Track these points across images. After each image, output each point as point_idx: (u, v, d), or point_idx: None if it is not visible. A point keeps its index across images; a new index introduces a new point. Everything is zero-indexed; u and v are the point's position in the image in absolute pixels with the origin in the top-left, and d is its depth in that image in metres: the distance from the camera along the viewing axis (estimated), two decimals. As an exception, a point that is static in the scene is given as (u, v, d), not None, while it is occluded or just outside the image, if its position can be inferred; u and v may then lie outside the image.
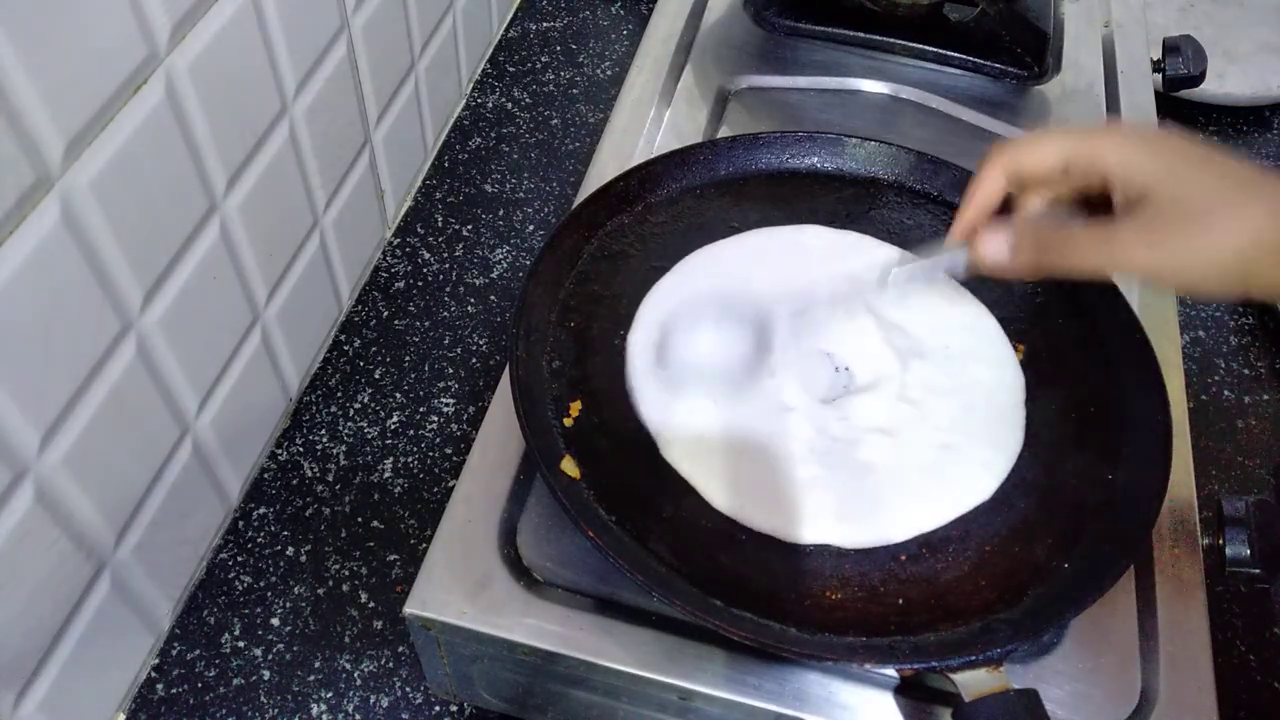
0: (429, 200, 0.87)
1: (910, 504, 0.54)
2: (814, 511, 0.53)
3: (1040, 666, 0.51)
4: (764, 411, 0.57)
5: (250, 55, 0.57)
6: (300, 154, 0.65)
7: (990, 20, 0.83)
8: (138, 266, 0.52)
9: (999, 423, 0.57)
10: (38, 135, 0.43)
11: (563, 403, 0.56)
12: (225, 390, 0.63)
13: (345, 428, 0.73)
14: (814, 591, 0.51)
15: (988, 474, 0.55)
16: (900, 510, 0.53)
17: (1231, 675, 0.64)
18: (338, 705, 0.61)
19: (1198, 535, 0.56)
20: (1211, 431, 0.77)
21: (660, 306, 0.61)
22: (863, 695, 0.50)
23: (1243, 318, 0.85)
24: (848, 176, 0.70)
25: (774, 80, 0.81)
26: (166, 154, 0.52)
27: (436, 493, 0.70)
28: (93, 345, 0.50)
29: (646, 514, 0.53)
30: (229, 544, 0.67)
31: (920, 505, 0.54)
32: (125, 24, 0.47)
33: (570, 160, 0.91)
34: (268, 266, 0.65)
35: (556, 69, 0.99)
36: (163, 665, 0.62)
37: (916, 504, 0.54)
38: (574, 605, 0.52)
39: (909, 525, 0.53)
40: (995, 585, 0.52)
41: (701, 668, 0.50)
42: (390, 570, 0.67)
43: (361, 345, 0.78)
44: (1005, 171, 0.50)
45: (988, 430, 0.57)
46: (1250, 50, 1.00)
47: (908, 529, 0.53)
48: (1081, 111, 0.80)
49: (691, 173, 0.68)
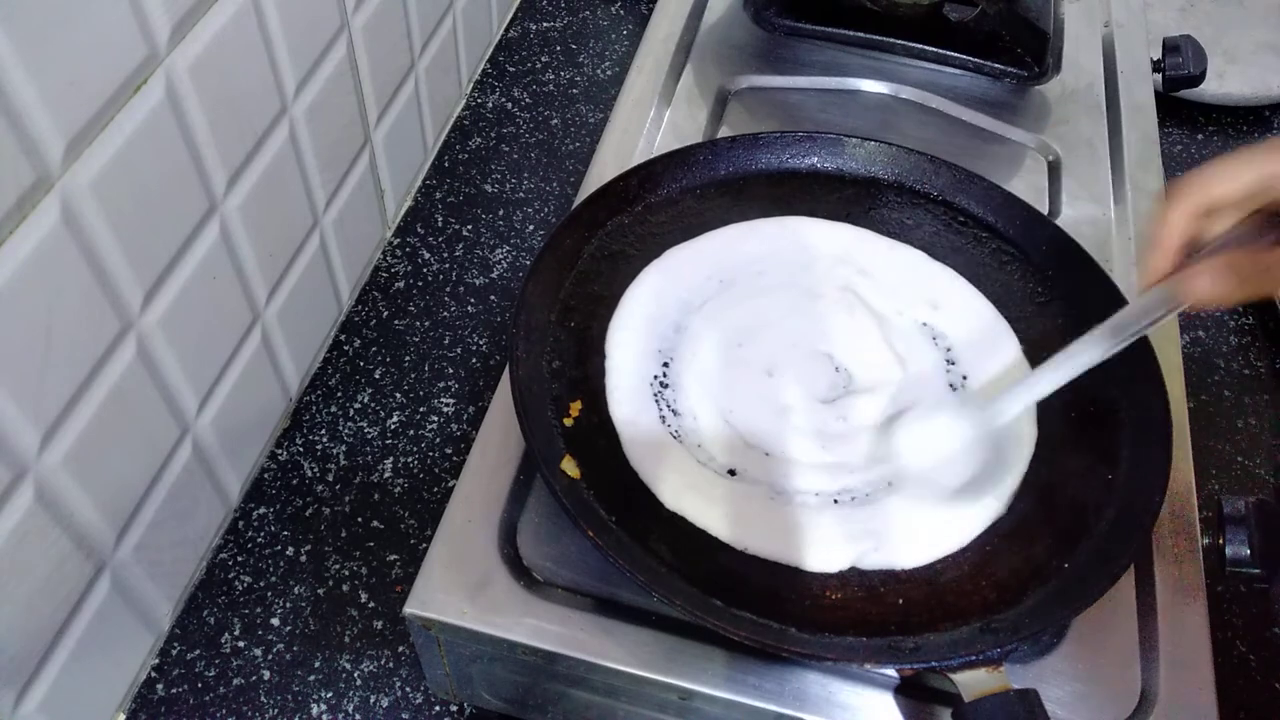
0: (429, 200, 0.87)
1: (919, 535, 0.53)
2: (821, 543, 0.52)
3: (1040, 666, 0.51)
4: (764, 412, 0.57)
5: (250, 55, 0.57)
6: (300, 154, 0.65)
7: (990, 20, 0.83)
8: (138, 266, 0.52)
9: (1005, 438, 0.57)
10: (38, 135, 0.43)
11: (563, 403, 0.56)
12: (225, 390, 0.63)
13: (345, 428, 0.73)
14: (814, 591, 0.51)
15: (995, 500, 0.54)
16: (908, 542, 0.53)
17: (1231, 675, 0.64)
18: (338, 705, 0.61)
19: (1198, 535, 0.56)
20: (1212, 431, 0.77)
21: (637, 311, 0.61)
22: (863, 695, 0.50)
23: (1243, 318, 0.85)
24: (848, 176, 0.70)
25: (774, 80, 0.81)
26: (166, 154, 0.52)
27: (436, 493, 0.70)
28: (93, 345, 0.50)
29: (646, 514, 0.53)
30: (229, 544, 0.67)
31: (928, 537, 0.53)
32: (125, 24, 0.47)
33: (570, 160, 0.91)
34: (268, 266, 0.65)
35: (556, 69, 0.99)
36: (163, 665, 0.62)
37: (925, 535, 0.53)
38: (574, 605, 0.52)
39: (918, 556, 0.52)
40: (995, 585, 0.52)
41: (701, 668, 0.50)
42: (390, 570, 0.67)
43: (361, 345, 0.78)
44: (1195, 206, 0.47)
45: (994, 447, 0.56)
46: (1250, 50, 1.00)
47: (917, 559, 0.52)
48: (1081, 111, 0.80)
49: (691, 173, 0.68)
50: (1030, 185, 0.75)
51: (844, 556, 0.51)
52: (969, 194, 0.68)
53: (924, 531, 0.53)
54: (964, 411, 0.55)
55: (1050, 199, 0.74)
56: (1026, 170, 0.76)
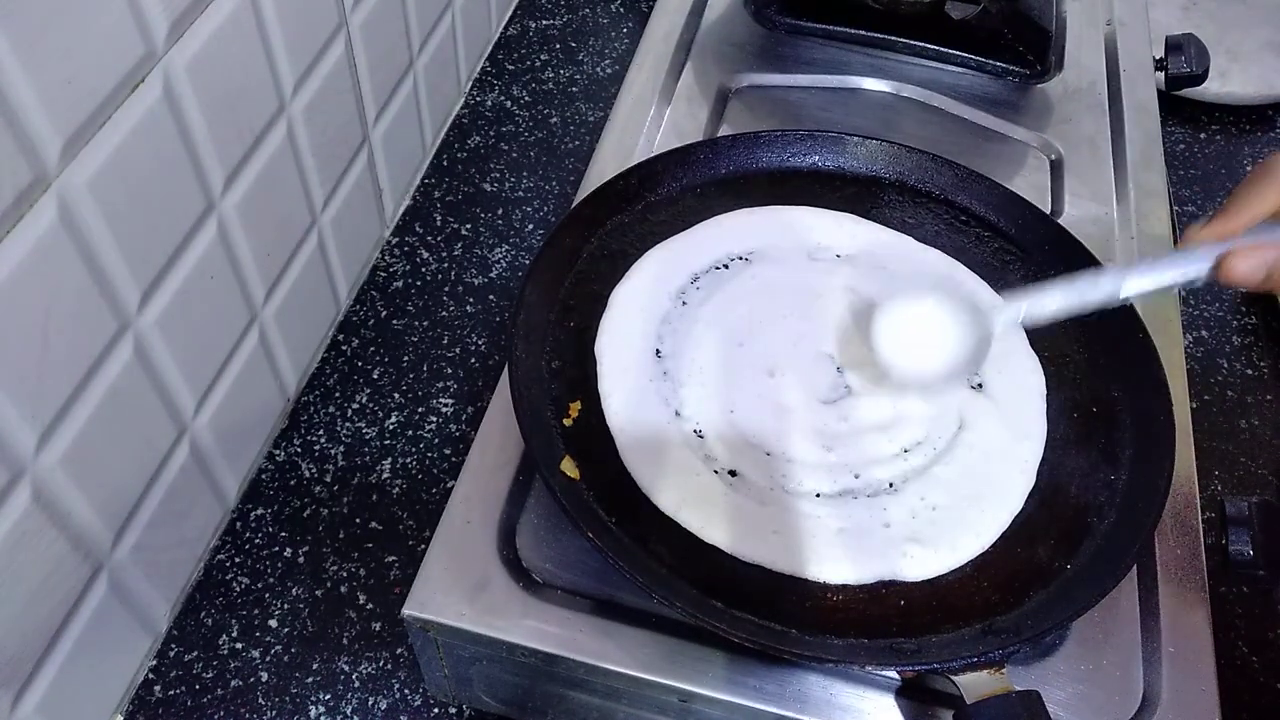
0: (428, 199, 0.87)
1: (922, 551, 0.52)
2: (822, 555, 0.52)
3: (1043, 668, 0.51)
4: (765, 412, 0.56)
5: (248, 53, 0.57)
6: (298, 153, 0.65)
7: (992, 18, 0.82)
8: (135, 266, 0.51)
9: (1018, 433, 0.56)
10: (35, 134, 0.43)
11: (562, 403, 0.56)
12: (223, 390, 0.63)
13: (343, 428, 0.73)
14: (815, 593, 0.51)
15: (1003, 510, 0.54)
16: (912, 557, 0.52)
17: (1234, 676, 0.64)
18: (336, 707, 0.61)
19: (1200, 536, 0.56)
20: (1214, 432, 0.76)
21: (629, 306, 0.60)
22: (864, 697, 0.50)
23: (1245, 317, 0.84)
24: (849, 175, 0.69)
25: (775, 78, 0.81)
26: (164, 153, 0.52)
27: (435, 493, 0.70)
28: (90, 345, 0.50)
29: (646, 515, 0.52)
30: (226, 545, 0.67)
31: (933, 551, 0.52)
32: (122, 22, 0.47)
33: (570, 159, 0.91)
34: (265, 266, 0.64)
35: (556, 67, 0.99)
36: (160, 667, 0.62)
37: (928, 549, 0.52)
38: (573, 607, 0.52)
39: (922, 569, 0.52)
40: (997, 586, 0.51)
41: (702, 670, 0.50)
42: (389, 571, 0.66)
43: (360, 345, 0.77)
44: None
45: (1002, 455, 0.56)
46: (1253, 49, 1.00)
47: (922, 572, 0.52)
48: (1084, 110, 0.80)
49: (692, 171, 0.67)
50: (1032, 184, 0.75)
51: (847, 572, 0.51)
52: (971, 193, 0.67)
53: (928, 544, 0.52)
54: (951, 306, 0.55)
55: (1052, 198, 0.74)
56: (1029, 169, 0.76)
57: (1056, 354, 0.61)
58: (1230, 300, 0.86)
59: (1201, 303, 0.85)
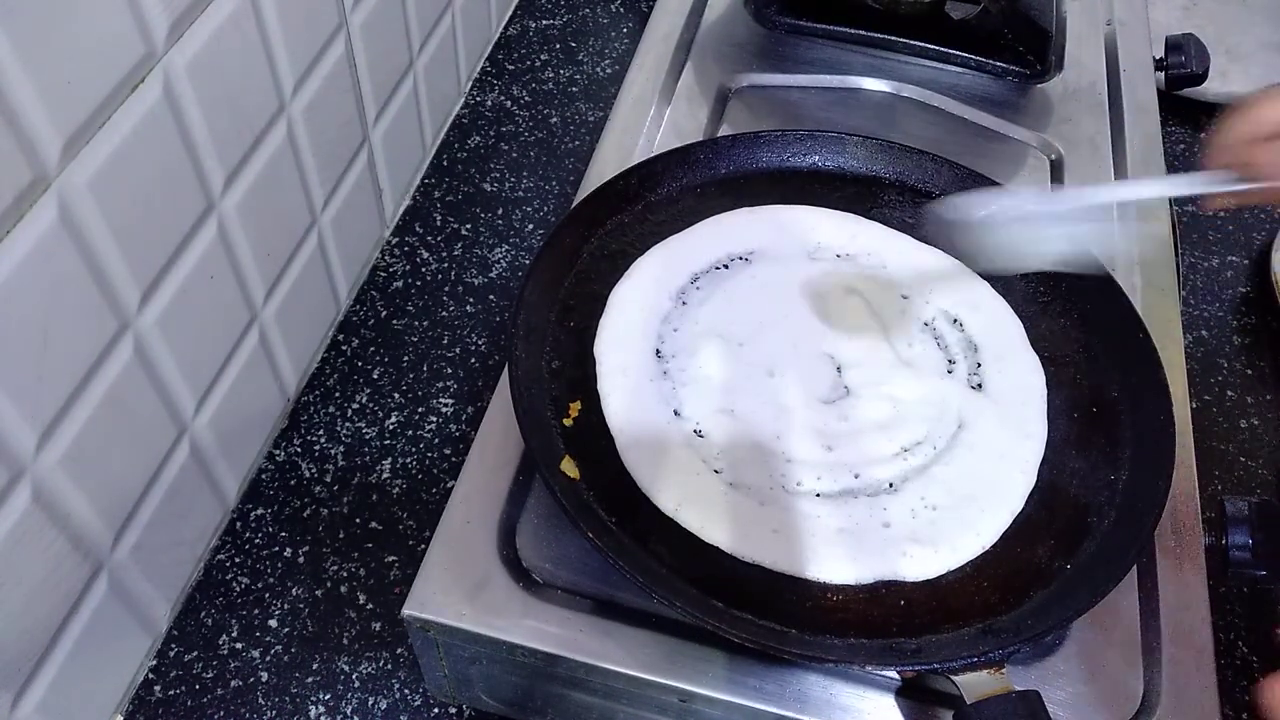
0: (428, 199, 0.87)
1: (922, 550, 0.52)
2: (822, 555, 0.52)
3: (1042, 668, 0.51)
4: (765, 412, 0.56)
5: (248, 53, 0.57)
6: (298, 153, 0.65)
7: (992, 18, 0.82)
8: (135, 266, 0.51)
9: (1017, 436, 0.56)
10: (35, 134, 0.43)
11: (562, 403, 0.56)
12: (223, 390, 0.63)
13: (343, 428, 0.73)
14: (815, 593, 0.51)
15: (1003, 510, 0.54)
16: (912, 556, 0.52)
17: (1234, 676, 0.64)
18: (336, 707, 0.61)
19: (1200, 536, 0.56)
20: (1214, 432, 0.76)
21: (628, 307, 0.60)
22: (864, 697, 0.50)
23: (1245, 317, 0.84)
24: (849, 175, 0.69)
25: (775, 78, 0.81)
26: (164, 152, 0.52)
27: (435, 493, 0.70)
28: (90, 345, 0.50)
29: (646, 515, 0.52)
30: (226, 545, 0.67)
31: (933, 550, 0.52)
32: (123, 22, 0.47)
33: (570, 159, 0.91)
34: (265, 266, 0.64)
35: (556, 67, 0.99)
36: (160, 667, 0.62)
37: (928, 549, 0.52)
38: (573, 607, 0.52)
39: (922, 569, 0.52)
40: (997, 586, 0.51)
41: (702, 670, 0.50)
42: (389, 571, 0.66)
43: (360, 345, 0.77)
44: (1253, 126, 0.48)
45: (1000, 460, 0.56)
46: (1253, 48, 1.00)
47: (921, 572, 0.52)
48: (1084, 110, 0.80)
49: (692, 171, 0.67)
50: (1032, 184, 0.75)
51: (847, 571, 0.51)
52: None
53: (927, 544, 0.52)
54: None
55: (1052, 198, 0.74)
56: (1029, 169, 0.76)
57: (1056, 354, 0.61)
58: (1230, 300, 0.86)
59: (1202, 303, 0.85)
